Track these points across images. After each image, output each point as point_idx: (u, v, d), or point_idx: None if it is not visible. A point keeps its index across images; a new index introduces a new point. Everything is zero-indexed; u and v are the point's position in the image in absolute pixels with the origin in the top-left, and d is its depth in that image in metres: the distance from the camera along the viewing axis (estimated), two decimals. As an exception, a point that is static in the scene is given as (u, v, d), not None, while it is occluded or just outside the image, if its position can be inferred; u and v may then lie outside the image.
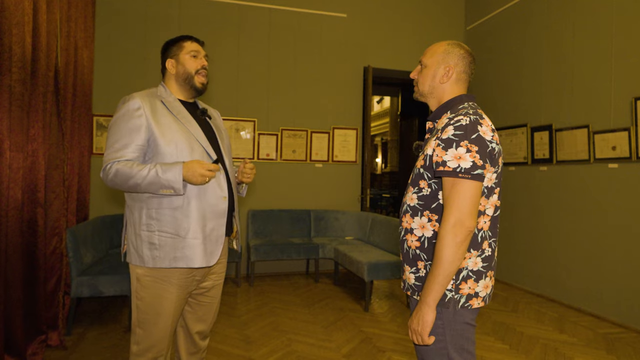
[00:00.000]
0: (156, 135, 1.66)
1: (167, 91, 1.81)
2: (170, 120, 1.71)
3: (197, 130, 1.76)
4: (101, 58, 4.45)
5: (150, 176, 1.57)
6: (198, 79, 1.80)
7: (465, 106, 1.36)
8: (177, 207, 1.66)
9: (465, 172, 1.22)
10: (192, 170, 1.58)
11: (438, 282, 1.23)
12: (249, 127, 5.00)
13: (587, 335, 3.36)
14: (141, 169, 1.59)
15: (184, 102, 1.84)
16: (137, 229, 1.68)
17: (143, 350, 1.73)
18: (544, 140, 4.36)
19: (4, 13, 2.25)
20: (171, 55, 1.81)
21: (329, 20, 5.27)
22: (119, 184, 1.63)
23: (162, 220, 1.66)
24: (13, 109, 2.37)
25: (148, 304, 1.70)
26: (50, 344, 2.82)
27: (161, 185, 1.58)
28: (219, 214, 1.73)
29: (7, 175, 2.32)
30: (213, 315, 1.97)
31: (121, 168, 1.60)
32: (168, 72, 1.82)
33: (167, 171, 1.58)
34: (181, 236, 1.66)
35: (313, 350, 2.96)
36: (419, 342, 1.30)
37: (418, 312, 1.28)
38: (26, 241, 2.61)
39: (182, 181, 1.58)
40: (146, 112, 1.67)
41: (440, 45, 1.44)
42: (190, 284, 1.76)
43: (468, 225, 1.21)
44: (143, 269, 1.69)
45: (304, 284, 4.75)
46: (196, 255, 1.67)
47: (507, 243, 4.80)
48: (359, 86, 5.42)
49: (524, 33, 4.70)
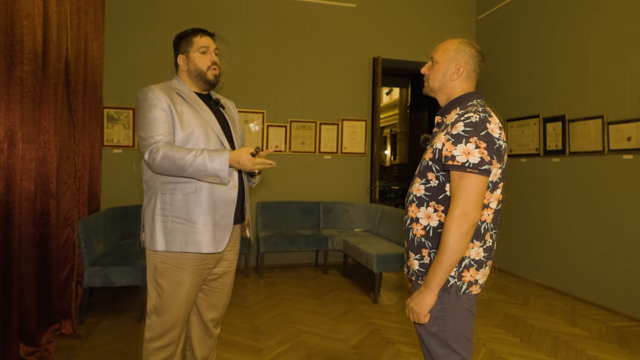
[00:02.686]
0: (176, 125, 1.71)
1: (182, 83, 1.85)
2: (187, 109, 1.75)
3: (212, 119, 1.80)
4: (111, 49, 4.46)
5: (197, 163, 1.60)
6: (211, 73, 1.83)
7: (474, 103, 1.41)
8: (189, 194, 1.71)
9: (473, 167, 1.27)
10: (242, 160, 1.60)
11: (442, 269, 1.30)
12: (258, 119, 4.99)
13: (599, 328, 3.32)
14: (187, 153, 1.61)
15: (198, 94, 1.88)
16: (153, 215, 1.73)
17: (157, 336, 1.77)
18: (556, 131, 4.29)
19: (15, 5, 2.25)
20: (182, 51, 1.84)
21: (338, 11, 5.21)
22: (166, 167, 1.64)
23: (175, 205, 1.71)
24: (25, 100, 2.38)
25: (166, 291, 1.75)
26: (64, 332, 2.87)
27: (207, 173, 1.61)
28: (228, 202, 1.77)
29: (20, 166, 2.34)
30: (225, 302, 2.00)
31: (168, 151, 1.63)
32: (180, 68, 1.86)
33: (214, 159, 1.59)
34: (192, 222, 1.71)
35: (322, 341, 2.97)
36: (415, 321, 1.39)
37: (420, 294, 1.36)
38: (39, 232, 2.64)
39: (228, 169, 1.60)
40: (168, 102, 1.72)
41: (452, 43, 1.48)
42: (203, 271, 1.81)
43: (473, 217, 1.27)
44: (160, 256, 1.74)
45: (312, 275, 4.76)
46: (205, 241, 1.72)
47: (519, 235, 4.76)
48: (368, 77, 5.37)
49: (536, 22, 4.61)
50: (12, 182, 2.28)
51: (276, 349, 2.84)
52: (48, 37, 2.61)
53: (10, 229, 2.28)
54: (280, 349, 2.83)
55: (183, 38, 1.84)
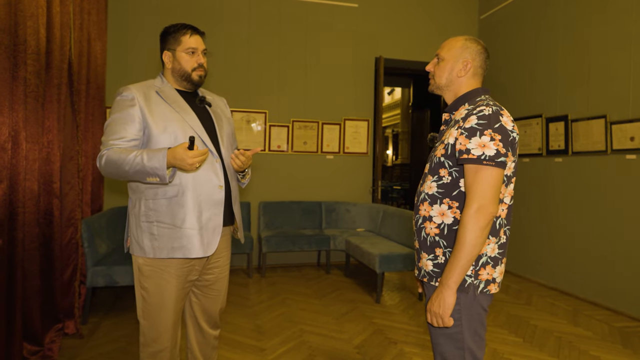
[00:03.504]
0: (150, 125, 1.64)
1: (164, 82, 1.78)
2: (165, 109, 1.69)
3: (192, 119, 1.72)
4: (114, 50, 4.47)
5: (136, 163, 1.52)
6: (195, 74, 1.76)
7: (483, 98, 1.40)
8: (172, 197, 1.65)
9: (490, 159, 1.25)
10: (179, 157, 1.49)
11: (460, 265, 1.27)
12: (260, 119, 4.99)
13: (602, 329, 3.31)
14: (128, 155, 1.54)
15: (183, 92, 1.81)
16: (138, 220, 1.68)
17: (149, 340, 1.73)
18: (559, 131, 4.28)
19: (19, 5, 2.26)
20: (168, 48, 1.76)
21: (340, 10, 5.21)
22: (111, 172, 1.60)
23: (159, 210, 1.65)
24: (28, 100, 2.39)
25: (151, 294, 1.70)
26: (67, 332, 2.87)
27: (147, 173, 1.52)
28: (214, 203, 1.71)
29: (24, 166, 2.34)
30: (220, 307, 1.95)
31: (111, 155, 1.57)
32: (165, 65, 1.78)
33: (152, 157, 1.51)
34: (177, 226, 1.65)
35: (325, 341, 2.97)
36: (439, 325, 1.33)
37: (439, 295, 1.31)
38: (42, 232, 2.65)
39: (166, 168, 1.50)
40: (140, 102, 1.65)
41: (458, 40, 1.47)
42: (189, 273, 1.75)
43: (491, 211, 1.25)
44: (144, 259, 1.69)
45: (315, 275, 4.76)
46: (193, 245, 1.66)
47: (521, 235, 4.75)
48: (370, 77, 5.37)
49: (539, 21, 4.60)
50: (16, 182, 2.29)
51: (279, 348, 2.84)
52: (51, 37, 2.62)
53: (14, 229, 2.28)
54: (283, 349, 2.84)
55: (171, 34, 1.75)
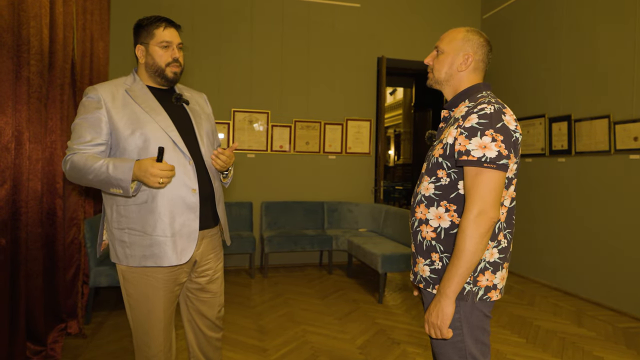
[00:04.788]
0: (117, 127, 1.55)
1: (136, 79, 1.68)
2: (133, 111, 1.58)
3: (163, 119, 1.61)
4: (116, 50, 4.48)
5: (101, 172, 1.45)
6: (170, 70, 1.66)
7: (485, 95, 1.32)
8: (142, 203, 1.55)
9: (491, 161, 1.19)
10: (144, 169, 1.41)
11: (459, 274, 1.20)
12: (263, 119, 4.99)
13: (606, 329, 3.30)
14: (94, 163, 1.46)
15: (158, 89, 1.70)
16: (110, 226, 1.61)
17: (141, 345, 1.66)
18: (562, 131, 4.27)
19: (22, 5, 2.27)
20: (141, 42, 1.67)
21: (343, 11, 5.21)
22: (75, 178, 1.53)
23: (129, 217, 1.56)
24: (32, 101, 2.39)
25: (137, 300, 1.62)
26: (70, 332, 2.88)
27: (110, 183, 1.45)
28: (188, 208, 1.60)
29: (27, 166, 2.35)
30: (218, 309, 1.85)
31: (76, 160, 1.49)
32: (138, 60, 1.68)
33: (118, 168, 1.44)
34: (148, 233, 1.55)
35: (327, 342, 2.97)
36: (437, 336, 1.27)
37: (437, 305, 1.24)
38: (46, 232, 2.65)
39: (130, 181, 1.43)
40: (107, 103, 1.56)
41: (459, 32, 1.38)
42: (177, 276, 1.66)
43: (492, 215, 1.18)
44: (125, 265, 1.62)
45: (317, 275, 4.76)
46: (165, 253, 1.55)
47: (524, 236, 4.73)
48: (372, 77, 5.36)
49: (542, 21, 4.58)
50: (19, 182, 2.29)
51: (281, 349, 2.84)
52: (54, 37, 2.62)
53: (17, 229, 2.29)
54: (286, 349, 2.83)
55: (144, 27, 1.66)
